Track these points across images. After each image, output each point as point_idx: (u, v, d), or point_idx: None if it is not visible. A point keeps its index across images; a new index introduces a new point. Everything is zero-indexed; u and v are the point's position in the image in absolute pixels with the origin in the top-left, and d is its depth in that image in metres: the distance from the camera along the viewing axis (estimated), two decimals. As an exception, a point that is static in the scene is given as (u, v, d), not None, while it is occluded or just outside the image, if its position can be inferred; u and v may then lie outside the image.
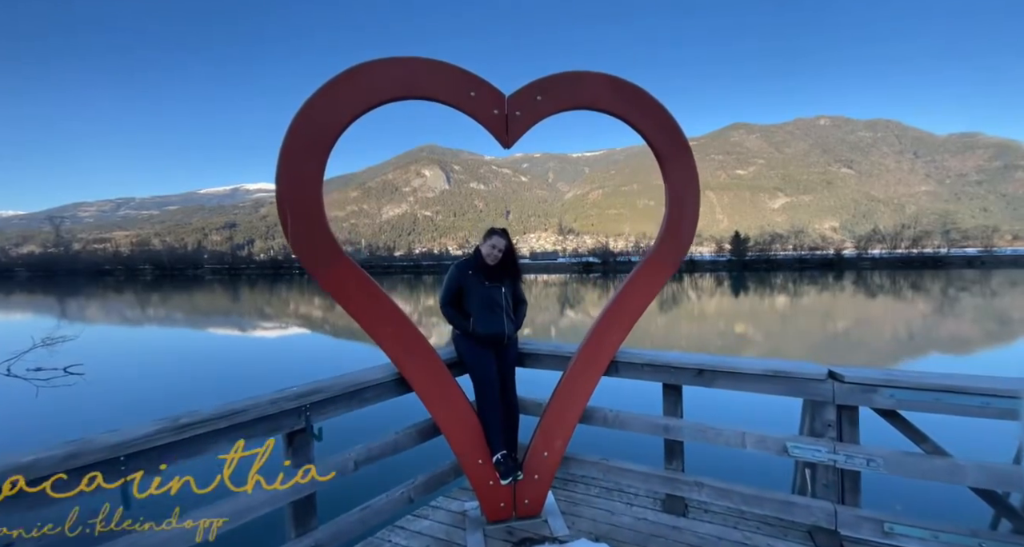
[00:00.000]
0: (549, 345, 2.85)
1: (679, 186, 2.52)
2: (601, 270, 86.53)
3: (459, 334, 2.64)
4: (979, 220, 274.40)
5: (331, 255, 2.18)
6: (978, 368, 9.74)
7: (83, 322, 21.22)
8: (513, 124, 2.33)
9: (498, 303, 2.61)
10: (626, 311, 2.53)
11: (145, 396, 8.52)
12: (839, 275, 60.49)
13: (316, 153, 2.12)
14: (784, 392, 2.28)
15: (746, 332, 15.46)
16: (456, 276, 2.65)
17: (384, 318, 2.27)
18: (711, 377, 2.37)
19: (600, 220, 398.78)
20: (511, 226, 53.18)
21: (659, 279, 2.56)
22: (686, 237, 2.54)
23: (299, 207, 2.11)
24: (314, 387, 2.03)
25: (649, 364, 2.49)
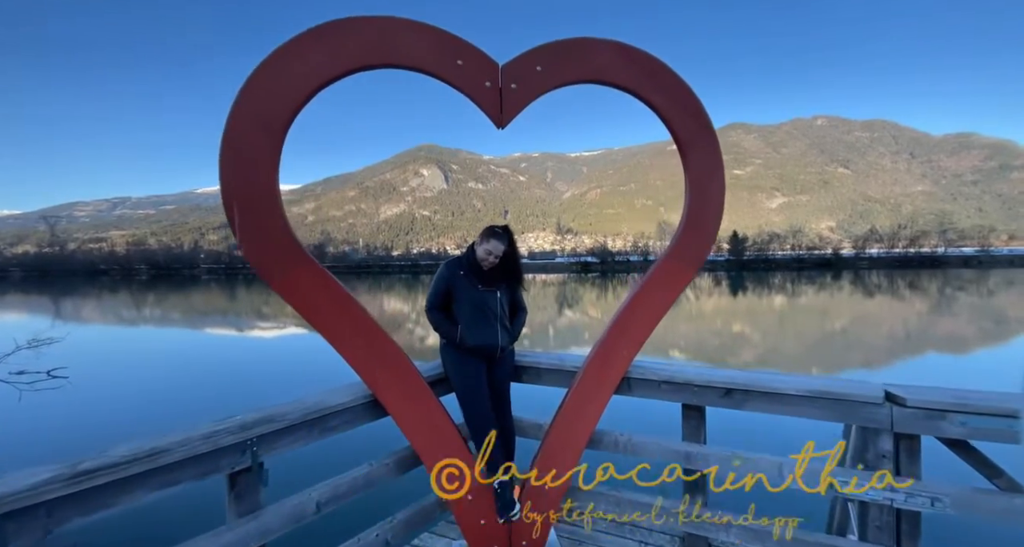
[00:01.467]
0: (550, 357, 2.48)
1: (702, 174, 2.16)
2: (600, 270, 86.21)
3: (445, 344, 2.28)
4: (975, 220, 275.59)
5: (290, 256, 1.81)
6: (976, 367, 9.50)
7: (76, 322, 20.79)
8: (508, 99, 1.96)
9: (492, 310, 2.26)
10: (640, 320, 2.17)
11: (130, 402, 8.12)
12: (837, 275, 60.41)
13: (270, 132, 1.75)
14: (831, 417, 1.92)
15: (744, 332, 15.22)
16: (446, 276, 2.29)
17: (354, 329, 1.90)
18: (742, 398, 2.01)
19: (598, 220, 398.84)
20: (510, 225, 50.43)
21: (678, 282, 2.19)
22: (709, 233, 2.17)
23: (249, 199, 1.74)
24: (264, 415, 1.66)
25: (667, 381, 2.13)
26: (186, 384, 9.35)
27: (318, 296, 1.85)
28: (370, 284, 56.96)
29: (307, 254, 1.84)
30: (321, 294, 1.86)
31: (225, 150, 1.70)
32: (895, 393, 1.83)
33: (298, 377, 9.88)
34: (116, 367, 11.42)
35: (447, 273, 2.29)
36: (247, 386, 9.12)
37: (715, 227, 2.18)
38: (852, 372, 9.54)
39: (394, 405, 1.96)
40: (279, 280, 1.79)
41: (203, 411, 7.28)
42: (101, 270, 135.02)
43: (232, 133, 1.70)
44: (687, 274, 2.19)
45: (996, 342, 12.75)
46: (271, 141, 1.75)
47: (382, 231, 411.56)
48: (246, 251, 1.76)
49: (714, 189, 2.17)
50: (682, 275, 2.19)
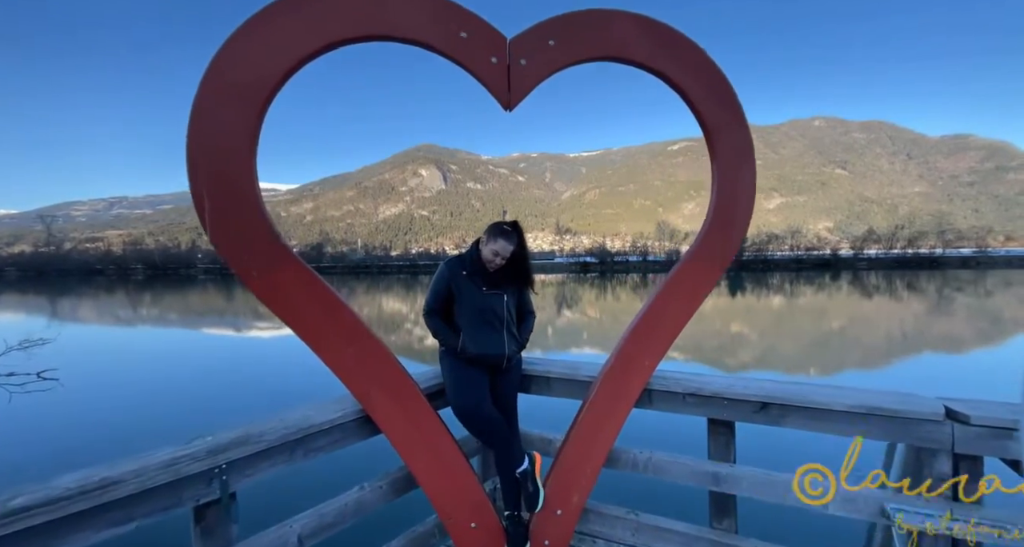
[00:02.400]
0: (562, 365, 2.26)
1: (731, 163, 1.94)
2: (599, 270, 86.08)
3: (445, 352, 2.06)
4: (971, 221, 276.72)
5: (270, 252, 1.59)
6: (974, 368, 9.32)
7: (73, 322, 20.44)
8: (517, 77, 1.75)
9: (498, 315, 2.04)
10: (662, 325, 1.95)
11: (121, 404, 7.85)
12: (836, 275, 60.37)
13: (247, 108, 1.53)
14: (882, 436, 1.70)
15: (742, 332, 15.08)
16: (446, 277, 2.06)
17: (344, 337, 1.68)
18: (779, 414, 1.79)
19: (597, 220, 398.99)
20: (519, 222, 47.75)
21: (703, 284, 1.97)
22: (738, 229, 1.96)
23: (222, 185, 1.52)
24: (236, 437, 1.43)
25: (693, 394, 1.91)
26: (182, 385, 9.09)
27: (302, 299, 1.63)
28: (369, 284, 56.64)
29: (290, 250, 1.62)
30: (306, 297, 1.63)
31: (194, 128, 1.48)
32: (956, 409, 1.61)
33: (297, 377, 9.69)
34: (110, 368, 11.14)
35: (448, 274, 2.06)
36: (245, 387, 8.87)
37: (745, 222, 1.96)
38: (851, 372, 9.44)
39: (388, 422, 1.73)
40: (258, 280, 1.57)
41: (200, 412, 7.03)
42: (97, 270, 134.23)
43: (202, 108, 1.48)
44: (713, 275, 1.97)
45: (995, 342, 12.63)
46: (248, 119, 1.53)
47: (380, 231, 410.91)
48: (219, 245, 1.53)
49: (744, 179, 1.95)
50: (708, 276, 1.97)
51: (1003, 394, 1.71)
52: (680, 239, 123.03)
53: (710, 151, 1.96)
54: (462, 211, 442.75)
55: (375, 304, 29.24)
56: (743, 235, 1.97)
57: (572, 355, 11.30)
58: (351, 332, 1.69)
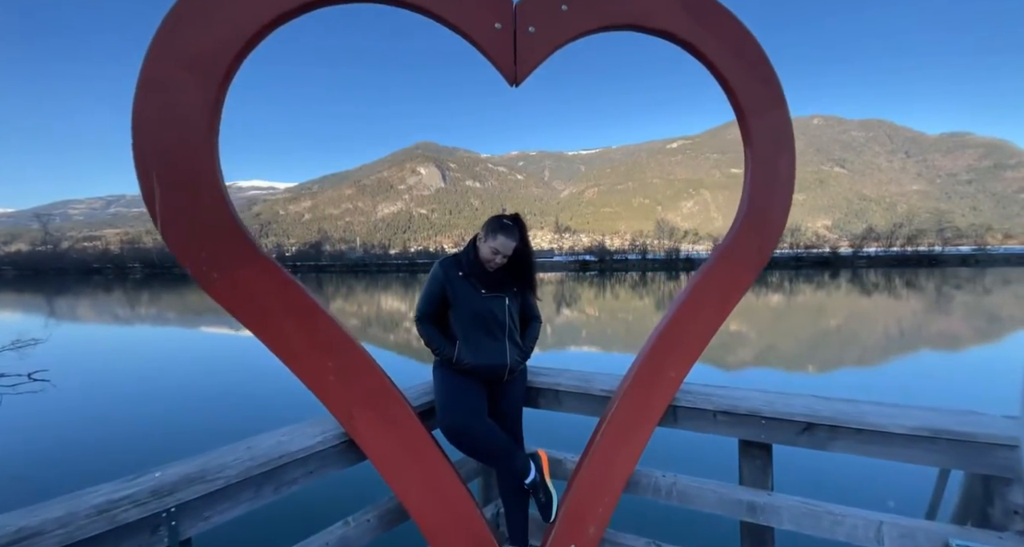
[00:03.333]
0: (573, 376, 2.02)
1: (769, 149, 1.70)
2: (598, 269, 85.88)
3: (439, 363, 1.83)
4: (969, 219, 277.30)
5: (235, 249, 1.35)
6: (970, 365, 9.21)
7: (71, 321, 20.17)
8: (524, 47, 1.50)
9: (498, 321, 1.81)
10: (689, 333, 1.71)
11: (112, 406, 7.58)
12: (835, 273, 60.26)
13: (207, 78, 1.29)
14: (946, 462, 1.47)
15: (741, 330, 14.97)
16: (440, 279, 1.83)
17: (322, 349, 1.44)
18: (826, 436, 1.56)
19: (596, 218, 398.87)
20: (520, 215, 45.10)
21: (736, 286, 1.74)
22: (775, 225, 1.72)
23: (176, 168, 1.27)
24: (190, 472, 1.19)
25: (725, 412, 1.68)
26: (177, 386, 8.81)
27: (273, 304, 1.39)
28: (367, 283, 56.38)
29: (259, 247, 1.38)
30: (278, 301, 1.39)
31: (141, 102, 1.24)
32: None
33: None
34: (104, 368, 10.84)
35: (442, 274, 1.83)
36: (242, 386, 8.61)
37: (783, 216, 1.73)
38: (848, 370, 9.27)
39: (375, 446, 1.49)
40: (220, 282, 1.33)
41: (195, 413, 6.78)
42: (95, 269, 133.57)
43: (151, 78, 1.24)
44: (746, 277, 1.73)
45: (993, 340, 12.53)
46: (208, 90, 1.29)
47: (379, 229, 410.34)
48: (172, 242, 1.29)
49: (783, 167, 1.71)
50: (740, 278, 1.73)
51: (1002, 392, 1.50)
52: (679, 237, 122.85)
53: (744, 135, 1.72)
54: (461, 209, 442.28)
55: (374, 302, 28.99)
56: (781, 231, 1.74)
57: (571, 353, 11.06)
58: (331, 342, 1.44)
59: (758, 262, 1.72)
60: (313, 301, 1.44)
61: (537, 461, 1.79)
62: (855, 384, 7.85)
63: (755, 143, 1.70)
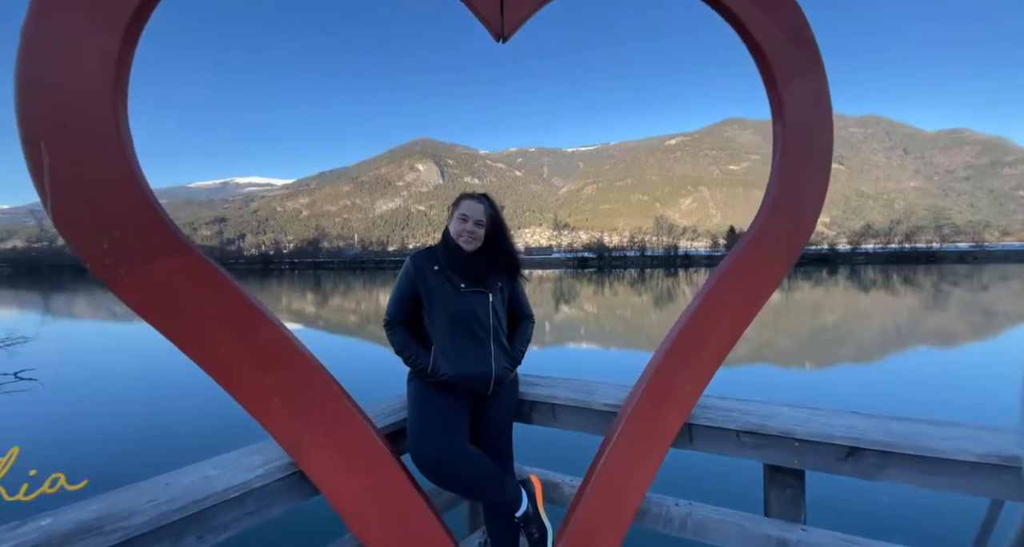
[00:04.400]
0: (571, 387, 1.76)
1: (805, 122, 1.44)
2: (596, 265, 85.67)
3: (413, 376, 1.57)
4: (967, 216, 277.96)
5: (152, 237, 1.08)
6: (968, 361, 9.07)
7: (67, 318, 19.84)
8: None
9: (480, 322, 1.55)
10: (708, 339, 1.45)
11: (101, 408, 7.26)
12: (833, 270, 60.21)
13: (107, 25, 1.01)
14: (1015, 494, 1.22)
15: None
16: (411, 275, 1.58)
17: (263, 359, 1.17)
18: (875, 463, 1.30)
19: (594, 215, 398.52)
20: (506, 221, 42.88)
21: (764, 283, 1.47)
22: (811, 207, 1.46)
23: (74, 142, 1.00)
24: (86, 519, 0.93)
25: (752, 432, 1.42)
26: (171, 385, 8.49)
27: (201, 308, 1.12)
28: (365, 280, 56.09)
29: (179, 234, 1.11)
30: (207, 305, 1.12)
31: (27, 51, 0.97)
32: None
33: None
34: (97, 366, 10.51)
35: (413, 270, 1.58)
36: None
37: (819, 199, 1.46)
38: (845, 366, 9.13)
39: (330, 479, 1.23)
40: (128, 279, 1.06)
41: (189, 411, 6.49)
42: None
43: (40, 23, 0.97)
44: (775, 272, 1.47)
45: (989, 336, 12.41)
46: (109, 40, 1.02)
47: (377, 226, 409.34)
48: (67, 229, 1.03)
49: (820, 143, 1.45)
50: (767, 274, 1.47)
51: (998, 387, 1.26)
52: (678, 234, 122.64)
53: (774, 107, 1.46)
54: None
55: (372, 299, 28.73)
56: (816, 217, 1.47)
57: (569, 349, 10.81)
58: (276, 356, 1.18)
59: (789, 254, 1.46)
60: (254, 305, 1.17)
61: (529, 489, 1.53)
62: (852, 380, 7.73)
63: (789, 114, 1.43)
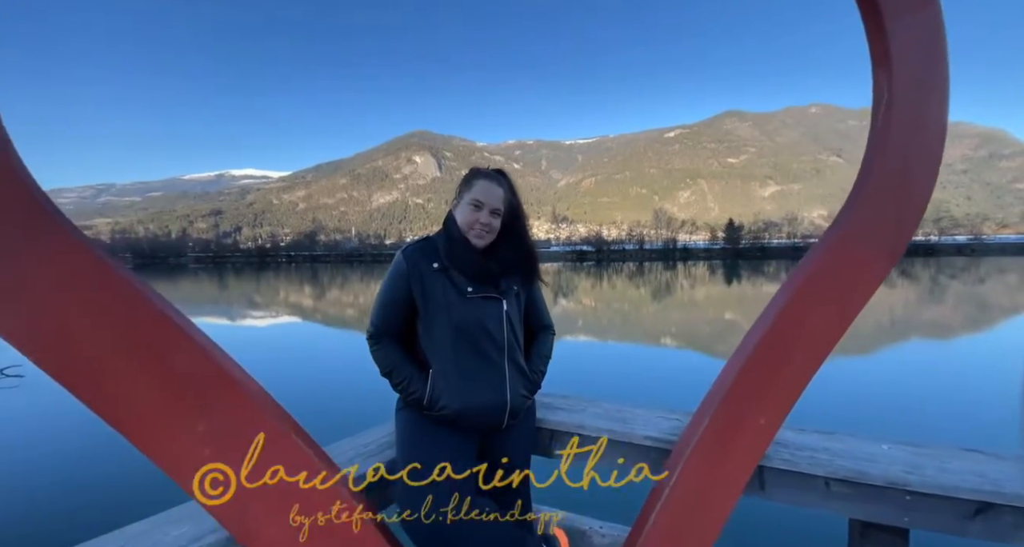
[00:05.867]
0: (605, 413, 1.42)
1: (915, 75, 1.09)
2: (595, 259, 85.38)
3: (404, 407, 1.23)
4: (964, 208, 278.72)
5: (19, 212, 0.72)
6: (962, 353, 8.97)
7: None
8: None
9: (493, 336, 1.20)
10: (791, 357, 1.10)
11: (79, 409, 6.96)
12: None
13: None
14: None
15: (734, 318, 14.75)
16: (404, 274, 1.23)
17: (186, 397, 0.82)
18: (1014, 523, 0.97)
19: (593, 208, 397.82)
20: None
21: (865, 278, 1.11)
22: (924, 183, 1.11)
23: None
24: None
25: (844, 480, 1.09)
26: None
27: (85, 319, 0.77)
28: (363, 273, 55.63)
29: (59, 216, 0.76)
30: (95, 313, 0.77)
31: None
32: None
33: (296, 364, 9.07)
34: None
35: (407, 268, 1.22)
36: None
37: (931, 176, 1.12)
38: (840, 358, 8.97)
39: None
40: None
41: None
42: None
43: None
44: (877, 267, 1.12)
45: (984, 328, 12.36)
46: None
47: (375, 219, 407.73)
48: None
49: (935, 95, 1.10)
50: (866, 273, 1.12)
51: (993, 380, 0.96)
52: (677, 227, 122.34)
53: (878, 52, 1.10)
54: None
55: (370, 293, 28.40)
56: (928, 196, 1.13)
57: (567, 343, 10.50)
58: (203, 388, 0.83)
59: (896, 244, 1.11)
60: (172, 319, 0.82)
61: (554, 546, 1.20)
62: (846, 371, 7.68)
63: (897, 58, 1.07)
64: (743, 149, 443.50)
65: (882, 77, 1.12)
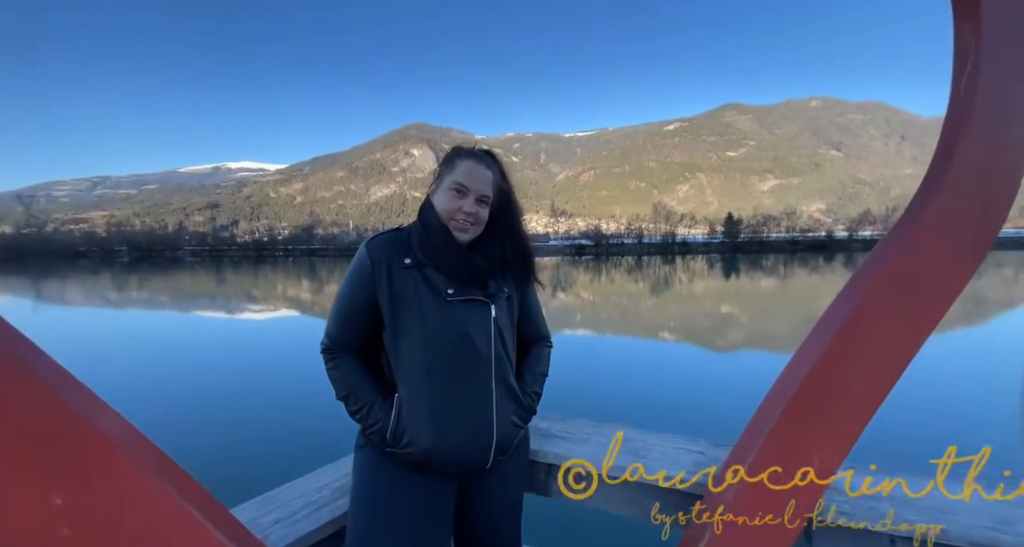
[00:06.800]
0: (612, 441, 1.20)
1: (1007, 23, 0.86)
2: (593, 253, 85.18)
3: (364, 444, 1.00)
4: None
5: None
6: (956, 344, 8.88)
7: (60, 306, 19.25)
8: None
9: (478, 350, 0.97)
10: (854, 380, 0.88)
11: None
12: (829, 257, 60.29)
13: None
14: None
15: (733, 313, 14.73)
16: (368, 272, 0.99)
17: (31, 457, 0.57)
18: None
19: (591, 202, 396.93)
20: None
21: (943, 287, 0.88)
22: (1012, 170, 0.88)
23: None
24: None
25: (913, 539, 0.86)
26: (164, 375, 7.84)
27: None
28: (359, 267, 55.25)
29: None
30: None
31: None
32: None
33: (295, 354, 8.98)
34: (87, 353, 9.87)
35: (372, 264, 0.99)
36: (241, 372, 7.75)
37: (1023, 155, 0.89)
38: None
39: None
40: None
41: (179, 405, 5.93)
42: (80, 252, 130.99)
43: None
44: (957, 270, 0.89)
45: (980, 321, 12.20)
46: None
47: (372, 213, 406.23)
48: None
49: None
50: (947, 272, 0.89)
51: (986, 370, 0.77)
52: (676, 221, 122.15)
53: (961, 5, 0.87)
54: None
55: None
56: (1021, 177, 0.90)
57: (564, 335, 10.31)
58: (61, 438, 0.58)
59: (982, 239, 0.88)
60: (11, 344, 0.60)
61: None
62: None
63: (988, 25, 0.84)
64: (742, 142, 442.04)
65: (967, 31, 0.88)
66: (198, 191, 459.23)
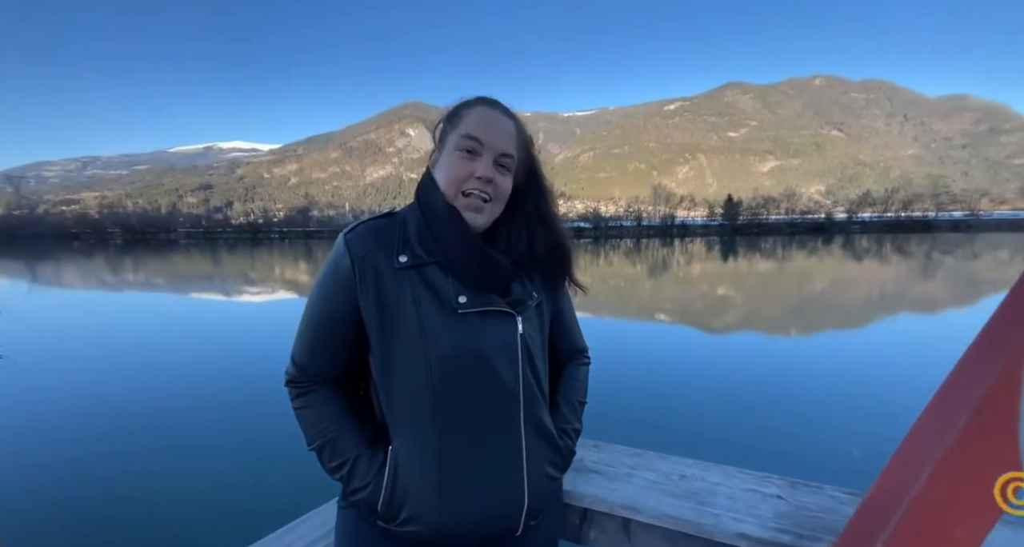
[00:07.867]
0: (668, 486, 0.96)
1: None
2: (592, 236, 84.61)
3: (345, 508, 0.74)
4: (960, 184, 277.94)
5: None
6: (946, 328, 8.95)
7: (52, 289, 18.94)
8: None
9: (503, 380, 0.69)
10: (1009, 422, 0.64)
11: (82, 392, 6.47)
12: (828, 239, 60.23)
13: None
14: None
15: (728, 295, 14.77)
16: (348, 274, 0.70)
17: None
18: None
19: (590, 184, 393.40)
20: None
21: None
22: None
23: None
24: None
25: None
26: (162, 367, 7.57)
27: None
28: (356, 249, 54.83)
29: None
30: None
31: None
32: None
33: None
34: (78, 340, 9.59)
35: (351, 263, 0.70)
36: (240, 358, 7.56)
37: None
38: (829, 333, 9.18)
39: None
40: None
41: (179, 401, 5.72)
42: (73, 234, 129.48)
43: None
44: None
45: (971, 303, 12.39)
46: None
47: (368, 194, 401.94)
48: None
49: None
50: None
51: None
52: (675, 204, 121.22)
53: None
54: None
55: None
56: None
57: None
58: None
59: None
60: None
61: None
62: (836, 346, 7.98)
63: None
64: (744, 122, 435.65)
65: None
66: (190, 172, 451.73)
